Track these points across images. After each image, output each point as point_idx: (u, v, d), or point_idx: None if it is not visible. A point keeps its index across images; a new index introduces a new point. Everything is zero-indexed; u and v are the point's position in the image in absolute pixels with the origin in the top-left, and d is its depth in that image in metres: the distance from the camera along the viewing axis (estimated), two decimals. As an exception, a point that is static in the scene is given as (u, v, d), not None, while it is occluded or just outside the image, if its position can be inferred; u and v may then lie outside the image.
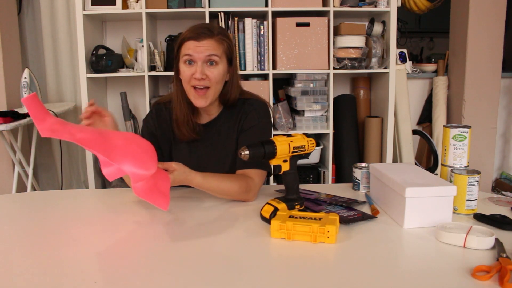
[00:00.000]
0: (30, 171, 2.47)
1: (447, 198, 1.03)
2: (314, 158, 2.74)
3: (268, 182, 1.95)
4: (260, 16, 2.66)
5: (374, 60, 2.63)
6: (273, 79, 2.60)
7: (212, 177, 1.20)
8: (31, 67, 2.94)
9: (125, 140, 1.03)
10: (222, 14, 2.52)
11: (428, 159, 3.09)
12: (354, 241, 0.96)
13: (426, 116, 3.13)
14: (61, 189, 2.86)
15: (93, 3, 2.51)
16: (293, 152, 1.08)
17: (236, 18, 2.56)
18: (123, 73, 2.62)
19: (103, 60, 2.53)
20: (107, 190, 1.45)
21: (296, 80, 2.60)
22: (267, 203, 1.09)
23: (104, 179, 2.69)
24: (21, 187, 2.56)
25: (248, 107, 1.35)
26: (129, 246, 0.96)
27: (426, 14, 3.46)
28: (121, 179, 1.33)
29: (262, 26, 2.57)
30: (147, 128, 1.40)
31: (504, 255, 0.84)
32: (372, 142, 2.77)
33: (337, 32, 2.62)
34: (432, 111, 3.05)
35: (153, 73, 2.57)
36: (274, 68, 2.60)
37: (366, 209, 1.16)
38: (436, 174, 1.16)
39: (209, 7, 2.52)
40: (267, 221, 1.05)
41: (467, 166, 1.16)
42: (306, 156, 1.13)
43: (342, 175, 2.78)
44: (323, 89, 2.61)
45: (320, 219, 0.97)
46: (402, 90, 2.85)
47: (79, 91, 2.69)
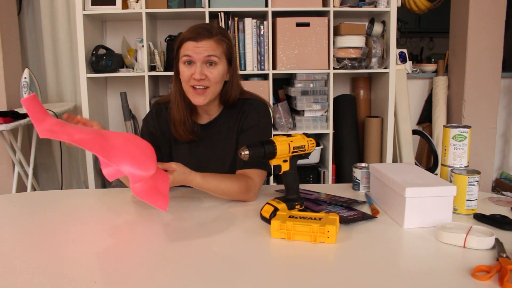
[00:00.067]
0: (30, 171, 2.47)
1: (447, 198, 1.03)
2: (314, 158, 2.74)
3: (268, 182, 1.95)
4: (260, 16, 2.66)
5: (374, 60, 2.63)
6: (273, 79, 2.60)
7: (212, 177, 1.20)
8: (31, 67, 2.94)
9: (124, 140, 1.03)
10: (222, 14, 2.51)
11: (428, 159, 3.09)
12: (354, 241, 0.96)
13: (426, 116, 3.13)
14: (61, 189, 2.86)
15: (93, 3, 2.51)
16: (293, 152, 1.08)
17: (236, 18, 2.56)
18: (123, 73, 2.62)
19: (103, 60, 2.53)
20: (107, 190, 1.45)
21: (296, 80, 2.60)
22: (267, 203, 1.09)
23: (104, 179, 2.69)
24: (21, 187, 2.56)
25: (248, 107, 1.35)
26: (129, 246, 0.96)
27: (426, 14, 3.46)
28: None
29: (262, 26, 2.57)
30: (147, 128, 1.40)
31: (504, 255, 0.84)
32: (372, 142, 2.77)
33: (337, 32, 2.62)
34: (432, 111, 3.05)
35: (153, 73, 2.57)
36: (274, 68, 2.60)
37: (366, 209, 1.16)
38: (436, 174, 1.16)
39: (209, 7, 2.52)
40: (267, 221, 1.05)
41: (467, 166, 1.16)
42: (306, 156, 1.13)
43: (342, 175, 2.78)
44: (323, 89, 2.61)
45: (320, 219, 0.97)
46: (402, 90, 2.85)
47: (79, 91, 2.69)
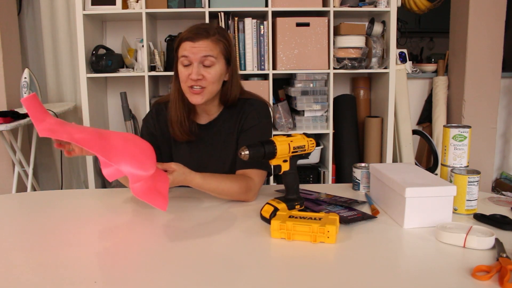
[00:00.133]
0: (30, 171, 2.47)
1: (447, 198, 1.03)
2: (314, 158, 2.74)
3: (268, 182, 1.95)
4: (260, 16, 2.66)
5: (374, 60, 2.63)
6: (273, 79, 2.59)
7: (212, 178, 1.20)
8: (31, 67, 2.94)
9: (124, 140, 1.03)
10: (222, 14, 2.51)
11: (428, 159, 3.09)
12: (354, 241, 0.96)
13: (426, 116, 3.13)
14: (61, 189, 2.86)
15: (93, 3, 2.51)
16: (293, 152, 1.08)
17: (236, 18, 2.56)
18: (123, 73, 2.61)
19: (103, 60, 2.53)
20: (107, 190, 1.45)
21: (296, 80, 2.60)
22: (267, 203, 1.09)
23: (104, 179, 2.69)
24: (21, 187, 2.56)
25: (249, 107, 1.35)
26: (129, 246, 0.96)
27: (426, 14, 3.46)
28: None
29: (262, 26, 2.57)
30: (147, 128, 1.40)
31: (504, 255, 0.84)
32: (372, 142, 2.77)
33: (337, 32, 2.62)
34: (432, 111, 3.05)
35: (153, 73, 2.57)
36: (274, 68, 2.60)
37: (366, 209, 1.16)
38: (436, 174, 1.16)
39: (209, 7, 2.52)
40: (267, 221, 1.05)
41: (467, 166, 1.16)
42: (306, 156, 1.13)
43: (342, 175, 2.77)
44: (323, 89, 2.61)
45: (320, 219, 0.97)
46: (402, 90, 2.85)
47: (79, 91, 2.69)
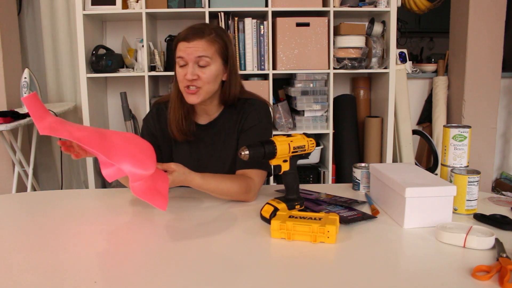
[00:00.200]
0: (30, 171, 2.47)
1: (447, 198, 1.03)
2: (314, 158, 2.74)
3: (268, 182, 1.95)
4: (260, 16, 2.66)
5: (374, 60, 2.63)
6: (273, 79, 2.59)
7: (212, 178, 1.20)
8: (31, 67, 2.94)
9: (124, 139, 1.03)
10: (222, 14, 2.51)
11: (428, 159, 3.09)
12: (354, 241, 0.96)
13: (426, 116, 3.13)
14: (61, 189, 2.86)
15: (93, 3, 2.51)
16: (293, 152, 1.08)
17: (236, 18, 2.56)
18: (123, 73, 2.61)
19: (103, 60, 2.53)
20: (107, 190, 1.45)
21: (296, 80, 2.60)
22: (267, 203, 1.09)
23: (104, 179, 2.69)
24: (21, 187, 2.56)
25: (249, 107, 1.35)
26: (129, 246, 0.96)
27: (426, 14, 3.46)
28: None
29: (262, 26, 2.57)
30: (147, 128, 1.40)
31: (504, 255, 0.84)
32: (372, 142, 2.77)
33: (337, 32, 2.62)
34: (432, 111, 3.05)
35: (153, 73, 2.57)
36: (274, 68, 2.60)
37: (366, 209, 1.16)
38: (436, 174, 1.16)
39: (209, 7, 2.52)
40: (267, 221, 1.05)
41: (467, 166, 1.16)
42: (306, 156, 1.13)
43: (342, 175, 2.77)
44: (323, 89, 2.61)
45: (320, 219, 0.97)
46: (402, 90, 2.85)
47: (79, 91, 2.69)
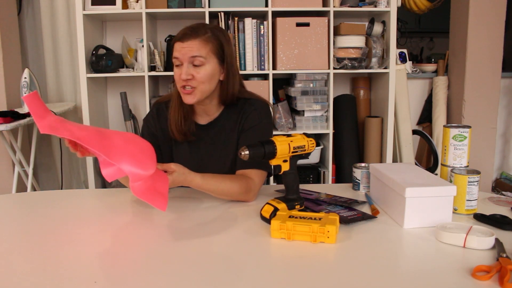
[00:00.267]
0: (30, 171, 2.47)
1: (447, 198, 1.03)
2: (314, 158, 2.74)
3: (268, 182, 1.95)
4: (260, 16, 2.66)
5: (374, 60, 2.63)
6: (273, 79, 2.60)
7: (212, 178, 1.20)
8: (31, 67, 2.94)
9: (124, 139, 1.03)
10: (222, 14, 2.51)
11: (428, 159, 3.09)
12: (354, 241, 0.96)
13: (426, 116, 3.13)
14: (61, 189, 2.86)
15: (93, 3, 2.51)
16: (293, 152, 1.08)
17: (236, 18, 2.56)
18: (123, 73, 2.61)
19: (103, 60, 2.53)
20: (107, 190, 1.45)
21: (296, 80, 2.60)
22: (267, 203, 1.09)
23: (104, 179, 2.69)
24: (21, 187, 2.56)
25: (249, 107, 1.35)
26: (129, 246, 0.96)
27: (426, 14, 3.46)
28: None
29: (262, 26, 2.57)
30: (148, 128, 1.40)
31: (504, 255, 0.84)
32: (372, 142, 2.77)
33: (337, 32, 2.62)
34: (432, 111, 3.05)
35: (153, 73, 2.57)
36: (274, 68, 2.60)
37: (366, 209, 1.16)
38: (436, 174, 1.16)
39: (209, 7, 2.52)
40: (267, 221, 1.05)
41: (467, 166, 1.16)
42: (306, 156, 1.13)
43: (342, 175, 2.77)
44: (323, 89, 2.61)
45: (320, 219, 0.97)
46: (402, 90, 2.85)
47: (79, 91, 2.70)
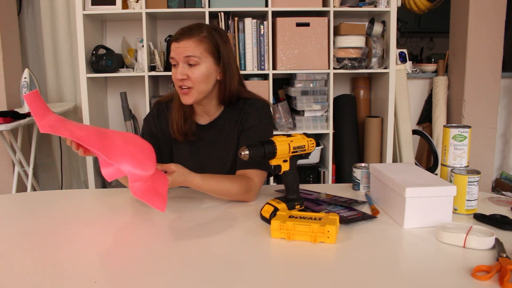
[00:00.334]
0: (30, 171, 2.47)
1: (447, 198, 1.03)
2: (314, 158, 2.74)
3: (268, 182, 1.95)
4: (260, 16, 2.66)
5: (374, 60, 2.63)
6: (273, 79, 2.60)
7: (212, 178, 1.20)
8: (31, 67, 2.94)
9: (124, 140, 1.03)
10: (222, 14, 2.51)
11: (428, 159, 3.09)
12: (354, 241, 0.96)
13: (426, 116, 3.13)
14: (61, 189, 2.87)
15: (93, 3, 2.51)
16: (293, 152, 1.08)
17: (236, 18, 2.56)
18: (123, 73, 2.62)
19: (103, 60, 2.53)
20: (107, 190, 1.45)
21: (296, 80, 2.60)
22: (267, 203, 1.09)
23: (104, 179, 2.69)
24: (21, 187, 2.56)
25: (249, 107, 1.35)
26: (129, 246, 0.96)
27: (426, 14, 3.46)
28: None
29: (262, 26, 2.57)
30: (148, 128, 1.40)
31: (504, 255, 0.84)
32: (372, 142, 2.77)
33: (337, 32, 2.62)
34: (432, 111, 3.05)
35: (153, 73, 2.57)
36: (274, 68, 2.60)
37: (366, 209, 1.16)
38: (436, 174, 1.16)
39: (209, 7, 2.52)
40: (267, 221, 1.05)
41: (467, 166, 1.16)
42: (306, 156, 1.13)
43: (342, 175, 2.77)
44: (323, 89, 2.61)
45: (320, 219, 0.97)
46: (402, 90, 2.85)
47: (79, 91, 2.70)
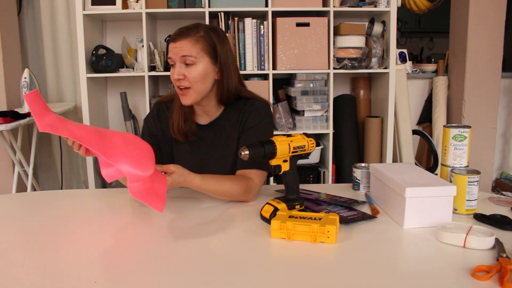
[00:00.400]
0: (30, 171, 2.47)
1: (447, 198, 1.03)
2: (314, 158, 2.74)
3: (268, 182, 1.95)
4: (260, 16, 2.66)
5: (374, 60, 2.63)
6: (273, 79, 2.60)
7: (212, 179, 1.20)
8: (31, 67, 2.94)
9: (123, 140, 1.03)
10: (222, 14, 2.51)
11: (428, 159, 3.09)
12: (354, 241, 0.96)
13: (426, 116, 3.13)
14: (61, 189, 2.87)
15: (93, 3, 2.51)
16: (293, 152, 1.08)
17: (236, 18, 2.56)
18: (123, 73, 2.61)
19: (103, 60, 2.53)
20: (106, 190, 1.45)
21: (296, 80, 2.60)
22: (267, 203, 1.09)
23: (104, 179, 2.69)
24: (21, 187, 2.56)
25: (250, 107, 1.35)
26: (129, 246, 0.96)
27: (426, 14, 3.46)
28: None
29: (262, 26, 2.57)
30: (148, 128, 1.40)
31: (504, 255, 0.84)
32: (372, 142, 2.77)
33: (337, 32, 2.62)
34: (432, 111, 3.05)
35: (153, 73, 2.57)
36: (274, 68, 2.60)
37: (366, 209, 1.16)
38: (436, 174, 1.16)
39: (209, 7, 2.52)
40: (267, 221, 1.05)
41: (467, 166, 1.16)
42: (306, 156, 1.13)
43: (342, 175, 2.77)
44: (323, 89, 2.61)
45: (320, 219, 0.97)
46: (402, 90, 2.85)
47: (79, 91, 2.70)
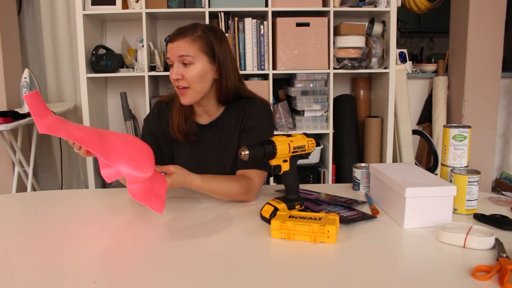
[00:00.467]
0: (30, 171, 2.47)
1: (447, 198, 1.03)
2: (314, 158, 2.74)
3: (268, 182, 1.95)
4: (260, 16, 2.66)
5: (374, 60, 2.63)
6: (273, 79, 2.60)
7: (212, 179, 1.19)
8: (31, 67, 2.94)
9: (122, 141, 1.03)
10: (222, 14, 2.52)
11: (428, 159, 3.09)
12: (354, 241, 0.96)
13: (426, 116, 3.13)
14: (61, 189, 2.86)
15: (93, 3, 2.51)
16: (293, 152, 1.08)
17: (236, 18, 2.56)
18: (123, 73, 2.62)
19: (103, 60, 2.53)
20: (107, 190, 1.45)
21: (296, 80, 2.60)
22: (267, 203, 1.09)
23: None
24: (21, 187, 2.56)
25: (250, 107, 1.35)
26: (129, 246, 0.96)
27: (426, 14, 3.46)
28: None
29: (262, 26, 2.57)
30: (148, 128, 1.40)
31: (504, 255, 0.84)
32: (372, 142, 2.77)
33: (337, 32, 2.62)
34: (432, 111, 3.05)
35: (153, 73, 2.57)
36: (274, 68, 2.60)
37: (366, 209, 1.16)
38: (436, 174, 1.16)
39: (209, 7, 2.52)
40: (267, 221, 1.05)
41: (467, 166, 1.16)
42: (306, 156, 1.13)
43: (342, 175, 2.78)
44: (323, 89, 2.61)
45: (320, 219, 0.97)
46: (402, 90, 2.85)
47: (79, 91, 2.70)
